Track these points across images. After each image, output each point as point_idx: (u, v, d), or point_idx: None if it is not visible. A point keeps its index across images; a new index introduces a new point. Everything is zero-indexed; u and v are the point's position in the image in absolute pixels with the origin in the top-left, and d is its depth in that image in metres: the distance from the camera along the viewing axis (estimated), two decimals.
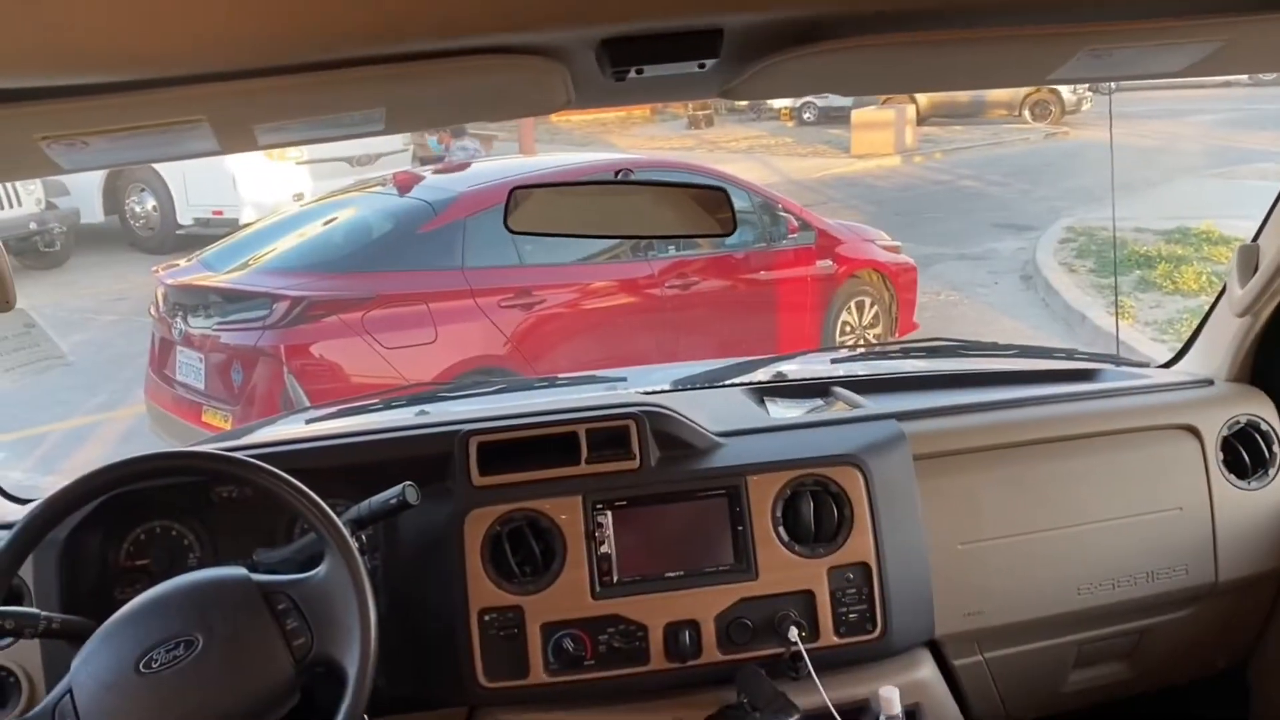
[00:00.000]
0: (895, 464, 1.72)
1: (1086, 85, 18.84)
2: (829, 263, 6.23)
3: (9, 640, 1.58)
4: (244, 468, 1.43)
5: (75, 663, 1.36)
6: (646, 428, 1.70)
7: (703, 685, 1.65)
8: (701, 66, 1.16)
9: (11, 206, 9.50)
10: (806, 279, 6.18)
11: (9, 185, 9.39)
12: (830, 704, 1.55)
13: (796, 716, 1.54)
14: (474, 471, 1.66)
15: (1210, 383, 1.97)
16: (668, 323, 5.69)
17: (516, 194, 1.54)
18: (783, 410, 1.94)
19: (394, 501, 1.51)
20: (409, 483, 1.51)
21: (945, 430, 1.81)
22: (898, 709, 1.54)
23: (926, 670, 1.75)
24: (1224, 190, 11.34)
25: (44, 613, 1.43)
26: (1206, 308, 2.05)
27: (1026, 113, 18.47)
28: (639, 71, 1.15)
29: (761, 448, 1.75)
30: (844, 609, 1.66)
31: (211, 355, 5.00)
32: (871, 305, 6.45)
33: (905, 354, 2.21)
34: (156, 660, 1.32)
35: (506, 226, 1.55)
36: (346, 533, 1.40)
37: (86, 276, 9.61)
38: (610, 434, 1.69)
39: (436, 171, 6.70)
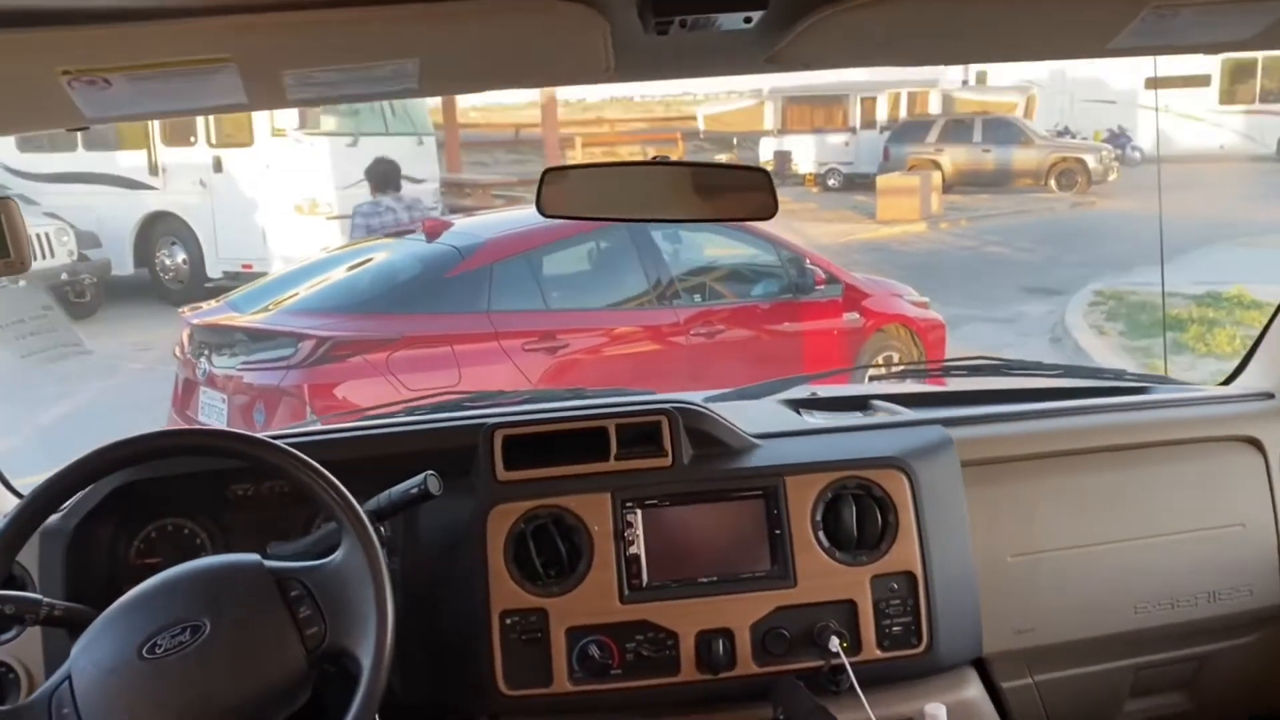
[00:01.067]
0: (942, 469, 1.63)
1: (1114, 155, 18.94)
2: (856, 316, 6.17)
3: (11, 631, 1.51)
4: (255, 445, 1.37)
5: (75, 648, 1.29)
6: (679, 424, 1.62)
7: (736, 699, 1.55)
8: (748, 21, 1.12)
9: (44, 257, 9.61)
10: (833, 332, 6.12)
11: (43, 236, 9.52)
12: None
13: None
14: (499, 466, 1.59)
15: (1271, 396, 1.88)
16: (692, 372, 5.63)
17: (550, 176, 1.49)
18: (821, 420, 1.86)
19: (415, 491, 1.44)
20: (430, 472, 1.44)
21: (994, 437, 1.73)
22: None
23: (973, 690, 1.65)
24: (1253, 257, 11.28)
25: (46, 599, 1.36)
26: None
27: (1053, 182, 18.51)
28: (683, 24, 1.10)
29: (800, 449, 1.67)
30: (888, 621, 1.56)
31: (235, 396, 4.98)
32: (899, 361, 6.36)
33: (946, 372, 2.13)
34: (160, 645, 1.25)
35: (539, 209, 1.50)
36: (364, 516, 1.33)
37: (114, 326, 9.67)
38: (641, 430, 1.62)
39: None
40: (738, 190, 1.48)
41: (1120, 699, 1.81)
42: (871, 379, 2.11)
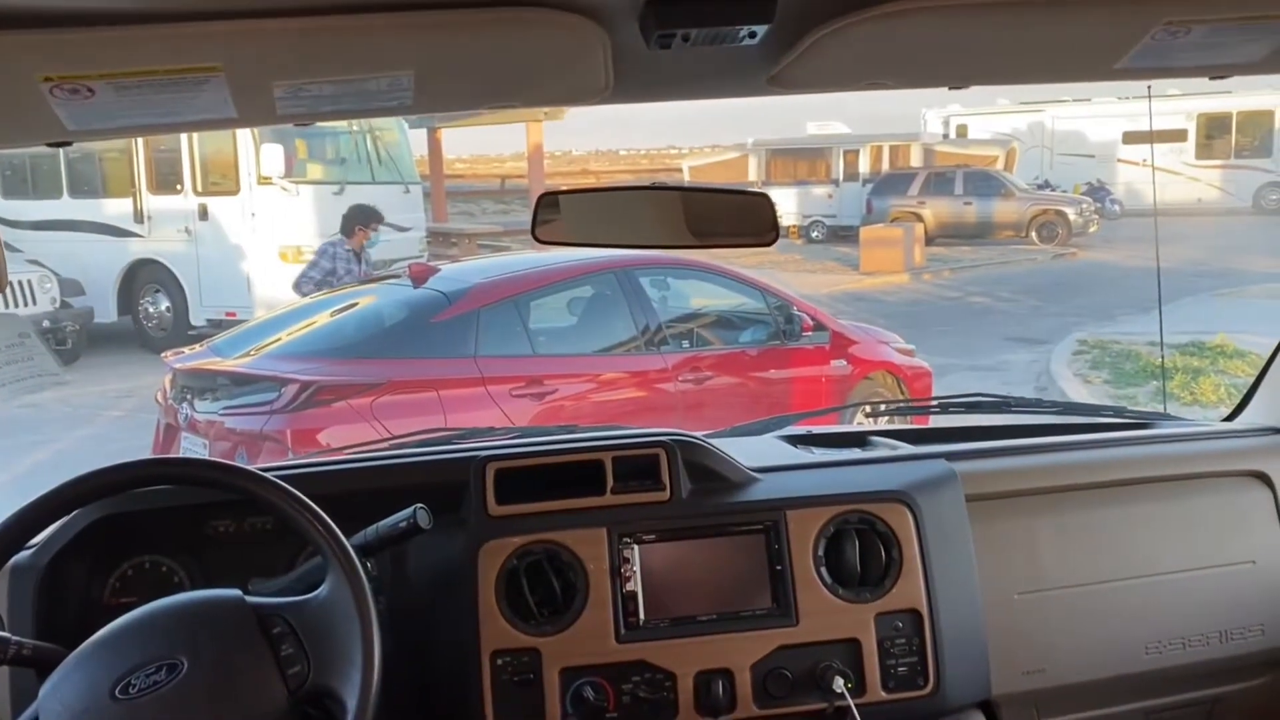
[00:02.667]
0: (947, 504, 1.59)
1: (1094, 207, 19.20)
2: (843, 363, 6.16)
3: None
4: (237, 475, 1.31)
5: (44, 689, 1.22)
6: (678, 457, 1.58)
7: None
8: (753, 36, 1.09)
9: (26, 305, 9.54)
10: (821, 378, 6.10)
11: (24, 283, 9.46)
12: None
13: None
14: (490, 500, 1.54)
15: (1277, 431, 1.86)
16: (680, 419, 5.59)
17: (545, 200, 1.46)
18: (821, 455, 1.82)
19: (404, 525, 1.38)
20: (420, 505, 1.39)
21: (998, 471, 1.69)
22: None
23: None
24: (1234, 307, 11.40)
25: (14, 637, 1.29)
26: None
27: (1034, 234, 18.73)
28: (685, 39, 1.08)
29: (801, 483, 1.62)
30: (892, 661, 1.51)
31: (217, 442, 4.90)
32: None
33: (944, 409, 2.10)
34: (135, 685, 1.18)
35: (534, 235, 1.47)
36: (350, 550, 1.28)
37: (96, 374, 9.57)
38: (638, 463, 1.57)
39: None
40: (738, 215, 1.45)
41: None
42: (869, 415, 2.07)
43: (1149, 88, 2.15)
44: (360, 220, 7.07)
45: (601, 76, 1.16)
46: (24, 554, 1.48)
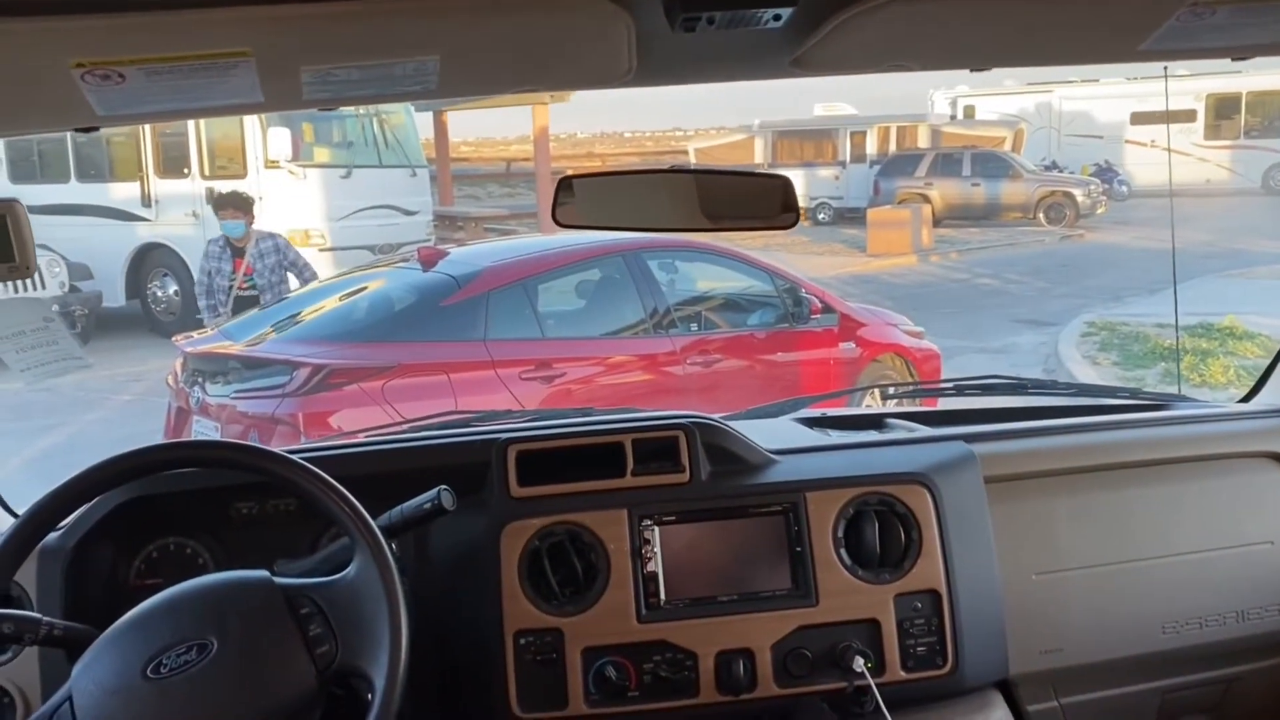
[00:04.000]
0: (965, 485, 1.60)
1: (1102, 189, 19.10)
2: (852, 345, 6.15)
3: (7, 653, 1.46)
4: (266, 458, 1.33)
5: (77, 668, 1.23)
6: (697, 439, 1.59)
7: None
8: (777, 19, 1.10)
9: (35, 289, 9.57)
10: (829, 361, 6.10)
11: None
12: None
13: None
14: (512, 482, 1.55)
15: None
16: (688, 402, 5.60)
17: (565, 184, 1.47)
18: (839, 437, 1.82)
19: (428, 507, 1.39)
20: (444, 486, 1.40)
21: (1016, 452, 1.69)
22: None
23: (999, 714, 1.60)
24: (1243, 288, 11.36)
25: (45, 618, 1.31)
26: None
27: (1041, 215, 18.66)
28: (710, 21, 1.08)
29: (820, 465, 1.63)
30: (912, 641, 1.52)
31: (228, 425, 4.92)
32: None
33: (959, 391, 2.10)
34: (166, 665, 1.20)
35: (554, 218, 1.47)
36: (378, 531, 1.29)
37: (106, 358, 9.60)
38: (658, 445, 1.58)
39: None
40: (757, 198, 1.45)
41: None
42: (886, 397, 2.07)
43: (1165, 68, 2.14)
44: (219, 205, 6.43)
45: (624, 60, 1.16)
46: (52, 536, 1.49)
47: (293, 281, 6.40)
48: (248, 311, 5.96)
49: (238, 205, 6.29)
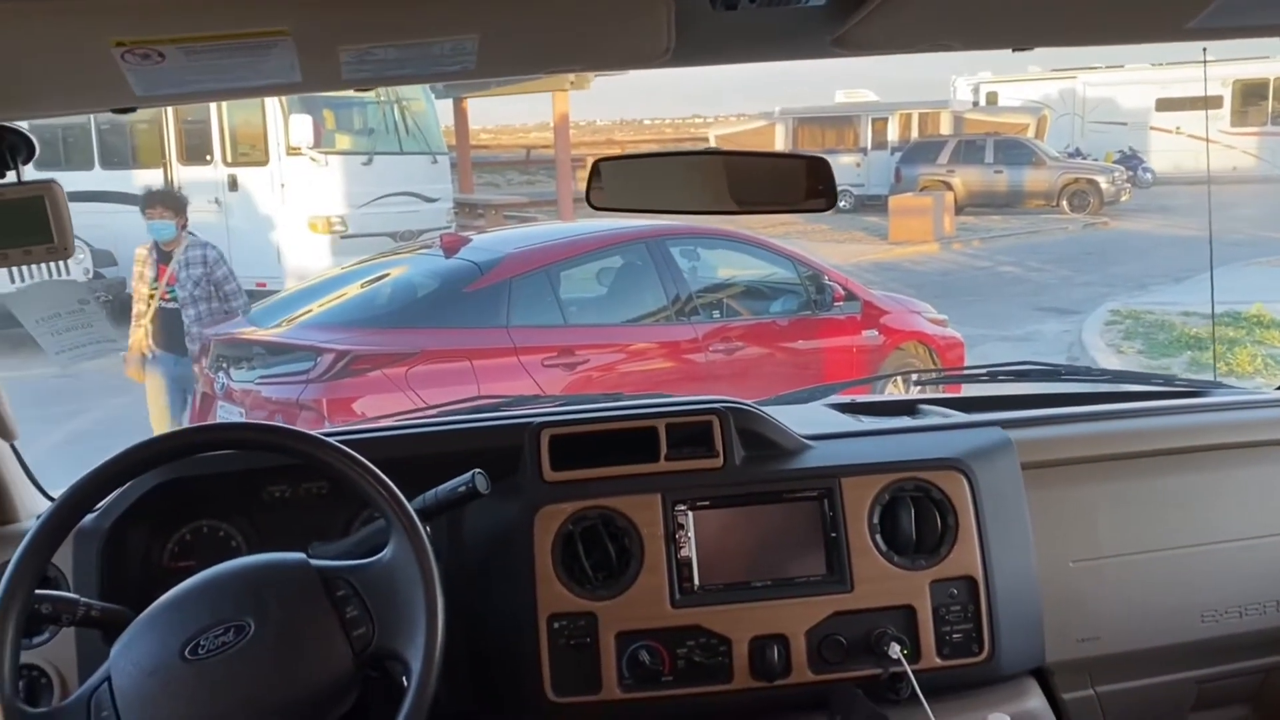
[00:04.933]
0: (1002, 471, 1.58)
1: (1126, 176, 18.91)
2: (875, 333, 6.12)
3: (45, 631, 1.47)
4: (303, 440, 1.32)
5: (115, 649, 1.24)
6: (731, 424, 1.58)
7: (792, 708, 1.49)
8: None
9: (59, 275, 9.62)
10: (852, 349, 6.07)
11: None
12: None
13: None
14: (546, 466, 1.54)
15: None
16: (711, 389, 5.59)
17: (600, 167, 1.45)
18: (872, 423, 1.81)
19: (463, 490, 1.39)
20: (478, 470, 1.40)
21: (1055, 438, 1.68)
22: None
23: (1035, 702, 1.59)
24: (1271, 276, 11.22)
25: (83, 599, 1.32)
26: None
27: (1065, 203, 18.50)
28: (751, 0, 1.07)
29: (855, 450, 1.62)
30: (948, 628, 1.51)
31: (253, 410, 4.95)
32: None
33: (993, 378, 2.08)
34: (203, 646, 1.20)
35: (589, 202, 1.46)
36: (414, 514, 1.28)
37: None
38: (692, 430, 1.57)
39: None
40: (794, 180, 1.43)
41: (1183, 712, 1.74)
42: (914, 384, 2.05)
43: (1204, 50, 2.11)
44: (147, 203, 5.60)
45: (663, 39, 1.14)
46: (88, 518, 1.50)
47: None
48: (272, 297, 5.98)
49: (168, 204, 5.54)
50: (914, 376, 3.49)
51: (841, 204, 19.98)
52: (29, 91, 1.13)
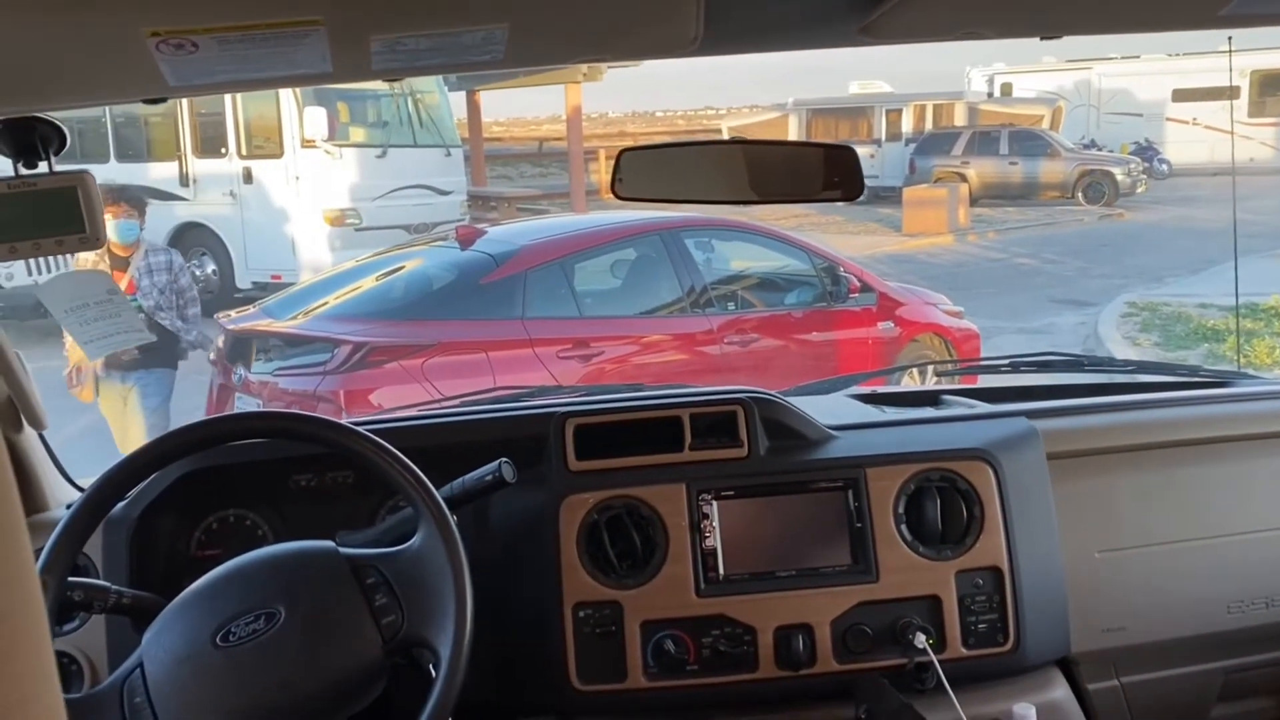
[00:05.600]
0: (1028, 461, 1.58)
1: (1142, 167, 18.77)
2: (891, 325, 6.11)
3: (76, 619, 1.48)
4: (331, 429, 1.33)
5: (147, 635, 1.25)
6: (755, 414, 1.58)
7: (817, 697, 1.50)
8: None
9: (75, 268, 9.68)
10: (868, 341, 6.06)
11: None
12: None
13: None
14: (570, 455, 1.55)
15: None
16: (727, 381, 5.58)
17: (625, 157, 1.45)
18: (896, 413, 1.81)
19: (490, 479, 1.40)
20: (505, 459, 1.40)
21: (1080, 429, 1.67)
22: None
23: (1060, 692, 1.58)
24: None
25: (114, 586, 1.33)
26: None
27: (1080, 194, 18.40)
28: None
29: (880, 440, 1.62)
30: (973, 618, 1.51)
31: (270, 402, 4.97)
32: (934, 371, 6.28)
33: (1015, 369, 2.07)
34: (235, 633, 1.21)
35: (614, 192, 1.46)
36: (442, 503, 1.29)
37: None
38: (716, 420, 1.57)
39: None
40: (820, 169, 1.43)
41: (1208, 703, 1.74)
42: (938, 375, 2.05)
43: (1229, 38, 2.09)
44: (110, 200, 4.81)
45: (692, 27, 1.14)
46: (117, 507, 1.51)
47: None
48: (288, 289, 6.00)
49: (133, 202, 4.96)
50: (932, 368, 3.48)
51: None
52: (62, 82, 1.14)
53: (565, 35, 1.18)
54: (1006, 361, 2.11)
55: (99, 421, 5.15)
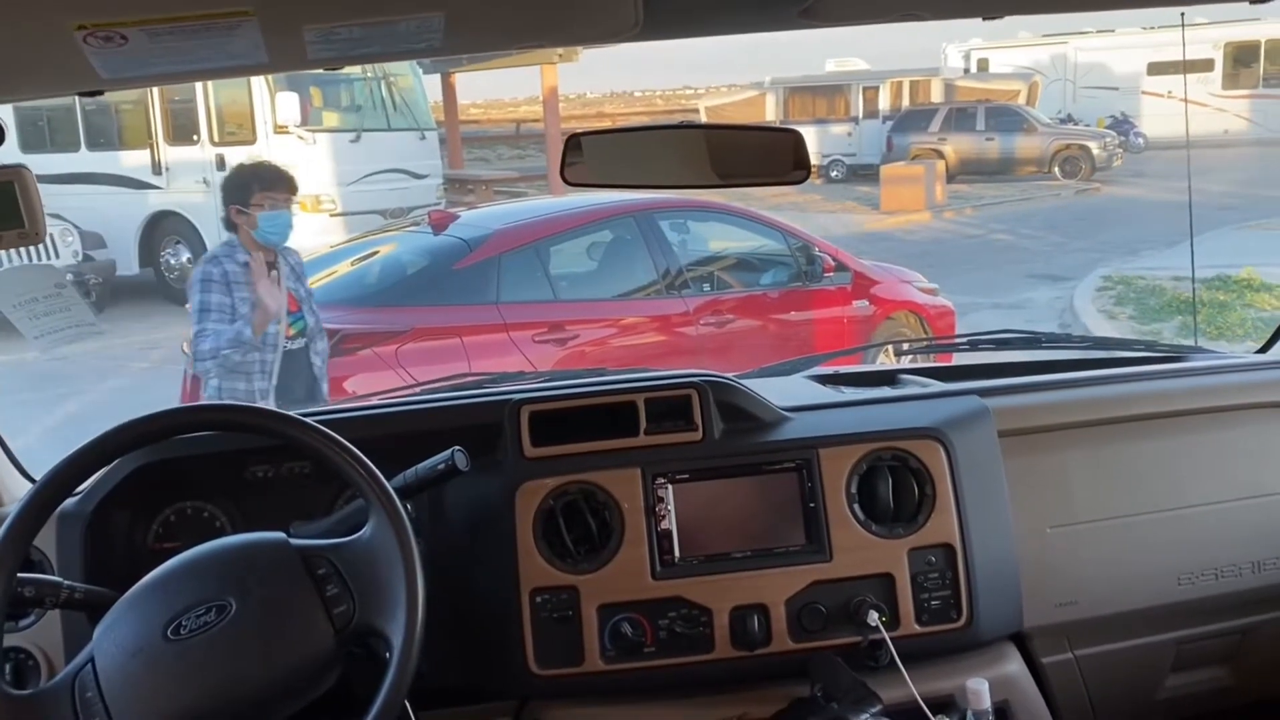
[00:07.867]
0: (980, 439, 1.59)
1: (1118, 141, 18.84)
2: (866, 303, 6.13)
3: (29, 616, 1.48)
4: (278, 420, 1.33)
5: (98, 630, 1.25)
6: (710, 398, 1.59)
7: (773, 676, 1.51)
8: None
9: (49, 258, 9.58)
10: (843, 319, 6.08)
11: (47, 237, 9.49)
12: (918, 695, 1.40)
13: (879, 707, 1.40)
14: (526, 442, 1.55)
15: None
16: (702, 362, 5.59)
17: (573, 142, 1.45)
18: (852, 394, 1.82)
19: (442, 467, 1.40)
20: (458, 447, 1.41)
21: (1032, 405, 1.69)
22: (987, 703, 1.39)
23: (1014, 666, 1.61)
24: (1261, 240, 11.23)
25: (66, 581, 1.33)
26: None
27: (1056, 169, 18.46)
28: None
29: (833, 421, 1.63)
30: (926, 595, 1.53)
31: None
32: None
33: (973, 346, 2.09)
34: (185, 626, 1.21)
35: (562, 176, 1.46)
36: (392, 492, 1.29)
37: (121, 326, 9.64)
38: (670, 404, 1.58)
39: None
40: (768, 153, 1.44)
41: (1162, 674, 1.77)
42: (898, 354, 2.06)
43: (1182, 15, 2.10)
44: (247, 188, 3.75)
45: (631, 13, 1.14)
46: (70, 501, 1.50)
47: None
48: None
49: (287, 186, 3.94)
50: (896, 347, 3.51)
51: (833, 174, 19.95)
52: None
53: (503, 22, 1.18)
54: (965, 340, 2.12)
55: (82, 411, 5.12)
